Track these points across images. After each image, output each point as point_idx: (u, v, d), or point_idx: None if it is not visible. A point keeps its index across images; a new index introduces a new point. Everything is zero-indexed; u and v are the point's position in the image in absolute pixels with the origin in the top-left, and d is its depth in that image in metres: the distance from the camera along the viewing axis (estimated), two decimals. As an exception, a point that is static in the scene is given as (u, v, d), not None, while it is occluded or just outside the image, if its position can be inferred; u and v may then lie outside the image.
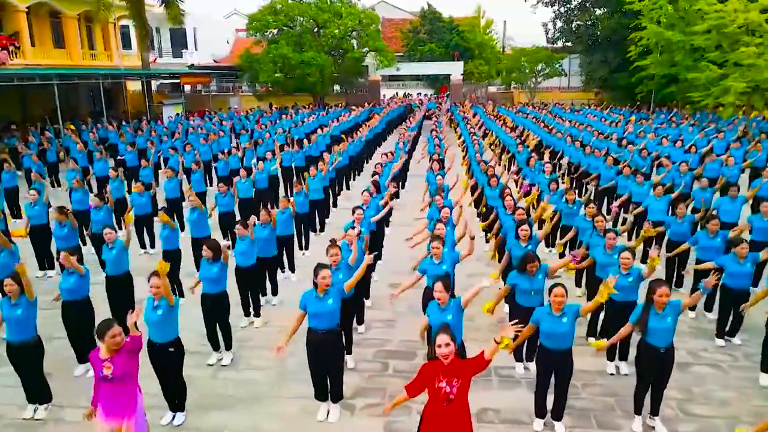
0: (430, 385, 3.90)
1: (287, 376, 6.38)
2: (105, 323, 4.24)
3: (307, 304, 5.21)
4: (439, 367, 3.88)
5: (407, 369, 6.44)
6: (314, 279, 5.23)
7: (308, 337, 5.32)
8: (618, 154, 13.29)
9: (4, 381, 6.24)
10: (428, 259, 6.24)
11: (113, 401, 4.20)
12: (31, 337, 5.30)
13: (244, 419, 5.56)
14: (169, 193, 11.07)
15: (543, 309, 5.01)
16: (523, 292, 5.88)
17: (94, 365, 4.20)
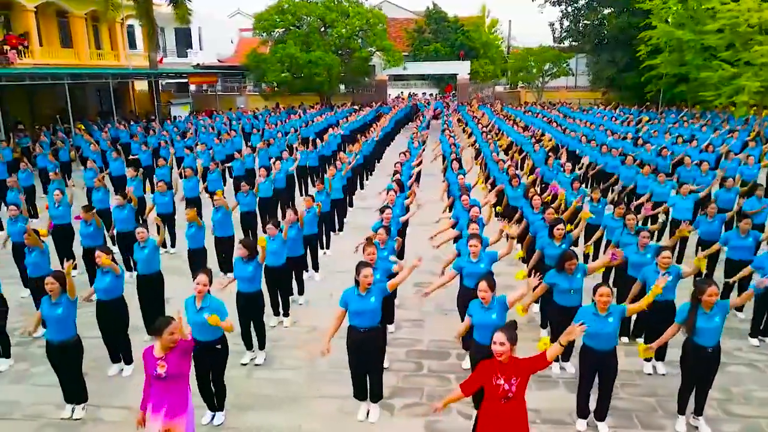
0: (487, 382, 3.90)
1: (320, 376, 6.36)
2: (164, 320, 4.23)
3: (349, 303, 5.18)
4: (496, 365, 3.89)
5: (441, 369, 6.42)
6: (356, 277, 5.19)
7: (349, 335, 5.28)
8: (634, 153, 13.24)
9: (40, 380, 6.24)
10: (465, 258, 6.20)
11: (164, 400, 4.17)
12: (72, 336, 5.27)
13: (283, 419, 5.53)
14: (188, 192, 11.03)
15: (587, 309, 4.97)
16: (561, 292, 5.84)
17: (147, 363, 4.17)
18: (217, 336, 5.07)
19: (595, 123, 19.91)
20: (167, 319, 4.26)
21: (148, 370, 4.19)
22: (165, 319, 4.27)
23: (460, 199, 8.41)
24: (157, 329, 4.16)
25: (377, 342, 5.33)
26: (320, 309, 8.09)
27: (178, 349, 4.19)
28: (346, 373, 6.35)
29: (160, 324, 4.19)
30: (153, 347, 4.23)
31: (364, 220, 12.63)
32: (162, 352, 4.15)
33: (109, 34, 31.77)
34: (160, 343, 4.16)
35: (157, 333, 4.15)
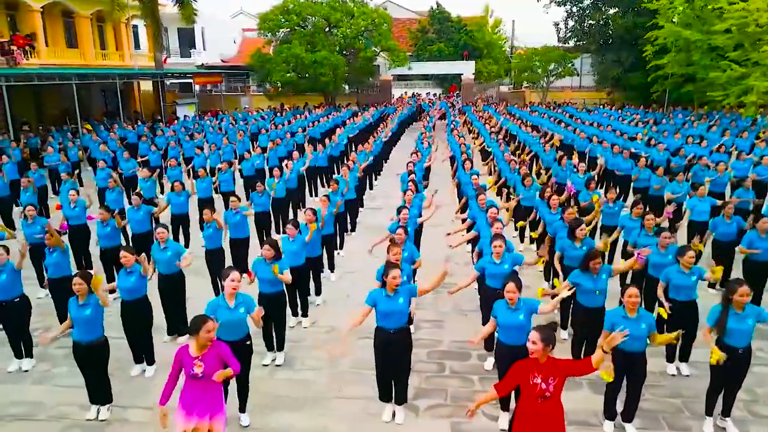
0: (524, 381, 3.91)
1: (342, 377, 6.36)
2: (200, 318, 4.19)
3: (378, 303, 5.15)
4: (533, 364, 3.90)
5: (464, 370, 6.41)
6: (383, 278, 5.17)
7: (377, 336, 5.25)
8: (647, 153, 13.22)
9: (62, 381, 6.25)
10: (488, 258, 6.18)
11: (199, 399, 4.16)
12: (99, 336, 5.26)
13: (308, 420, 5.52)
14: (202, 192, 11.02)
15: (617, 312, 4.95)
16: (585, 292, 5.83)
17: (184, 362, 4.15)
18: (244, 333, 5.07)
19: (603, 123, 19.87)
20: (203, 317, 4.24)
21: (184, 369, 4.16)
22: (200, 317, 4.24)
23: (476, 200, 8.39)
24: (195, 328, 4.13)
25: (405, 343, 5.30)
26: (338, 309, 8.11)
27: (214, 349, 4.19)
28: (367, 374, 6.38)
29: (196, 322, 4.15)
30: (188, 347, 4.21)
31: (374, 220, 12.65)
32: (199, 351, 4.14)
33: (114, 35, 31.80)
34: (197, 342, 4.14)
35: (194, 331, 4.13)
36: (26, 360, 6.45)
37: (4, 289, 6.11)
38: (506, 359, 4.82)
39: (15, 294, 6.23)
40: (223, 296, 5.05)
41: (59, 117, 25.09)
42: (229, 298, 5.00)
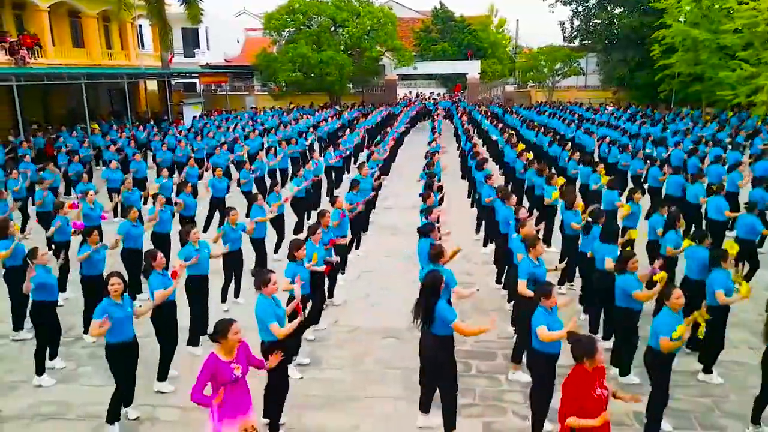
0: (589, 395, 3.75)
1: (369, 376, 6.35)
2: (226, 321, 4.12)
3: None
4: (595, 375, 3.82)
5: (490, 370, 6.41)
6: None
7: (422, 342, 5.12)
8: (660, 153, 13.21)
9: (88, 380, 6.25)
10: (527, 260, 6.03)
11: (240, 399, 4.15)
12: (133, 336, 5.25)
13: (340, 420, 5.52)
14: (218, 192, 11.02)
15: (668, 312, 4.88)
16: (627, 295, 5.77)
17: (220, 371, 4.03)
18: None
19: (607, 123, 19.82)
20: (228, 320, 4.16)
21: (222, 377, 4.04)
22: (226, 320, 4.16)
23: (502, 200, 8.34)
24: (222, 332, 4.05)
25: (451, 349, 5.10)
26: (359, 308, 8.12)
27: (242, 348, 4.19)
28: (392, 373, 6.38)
29: (223, 326, 4.08)
30: (215, 356, 4.08)
31: (387, 219, 12.65)
32: (230, 355, 4.09)
33: (119, 34, 31.81)
34: (228, 345, 4.07)
35: (221, 336, 4.05)
36: (57, 360, 6.46)
37: (52, 291, 6.12)
38: (544, 367, 4.84)
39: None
40: (273, 300, 4.98)
41: (66, 117, 25.11)
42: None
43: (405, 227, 11.71)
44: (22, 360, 6.66)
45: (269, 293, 4.90)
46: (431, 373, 5.06)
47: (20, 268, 6.16)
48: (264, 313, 4.82)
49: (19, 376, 6.32)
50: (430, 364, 5.01)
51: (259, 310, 4.85)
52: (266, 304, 4.87)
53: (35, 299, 6.05)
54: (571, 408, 3.72)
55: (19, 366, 6.53)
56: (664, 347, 4.64)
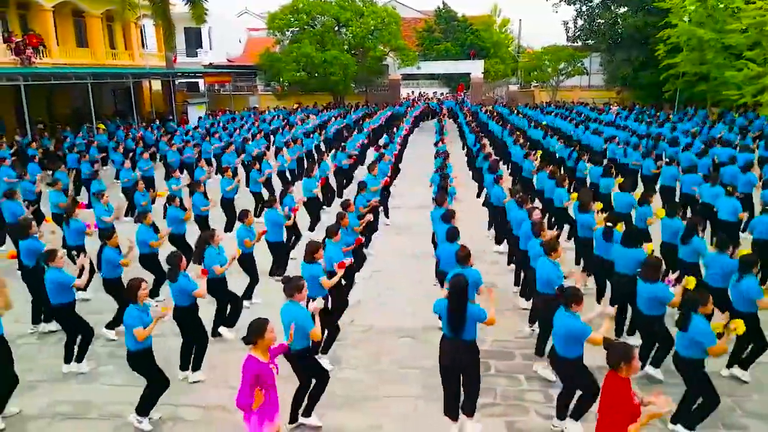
0: (630, 402, 3.71)
1: (385, 376, 6.36)
2: (261, 321, 4.10)
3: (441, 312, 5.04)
4: (629, 384, 3.80)
5: (509, 369, 6.40)
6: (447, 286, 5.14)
7: (441, 345, 5.12)
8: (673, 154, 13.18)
9: (109, 380, 6.26)
10: (551, 264, 6.01)
11: (272, 403, 4.16)
12: (150, 343, 5.23)
13: (362, 419, 5.52)
14: (228, 192, 11.01)
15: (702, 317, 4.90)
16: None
17: (264, 375, 4.01)
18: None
19: (618, 124, 19.82)
20: (262, 319, 4.16)
21: (266, 380, 4.01)
22: (260, 320, 4.15)
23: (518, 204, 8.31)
24: (259, 332, 4.03)
25: (475, 352, 5.08)
26: (373, 307, 8.12)
27: (272, 349, 4.20)
28: (410, 372, 6.38)
29: (260, 326, 4.05)
30: (254, 359, 4.04)
31: (394, 218, 12.63)
32: (267, 356, 4.08)
33: (123, 34, 31.80)
34: (264, 345, 4.05)
35: (258, 335, 4.02)
36: (83, 363, 6.46)
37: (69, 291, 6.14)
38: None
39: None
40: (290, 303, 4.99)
41: (71, 116, 25.13)
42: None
43: (412, 227, 11.72)
44: (41, 359, 6.68)
45: (302, 299, 4.91)
46: (457, 378, 5.05)
47: (33, 270, 6.16)
48: (305, 319, 4.78)
49: (37, 375, 6.32)
50: (458, 370, 5.00)
51: (297, 317, 4.77)
52: (302, 311, 4.85)
53: (54, 302, 6.05)
54: (619, 417, 3.63)
55: (37, 365, 6.54)
56: (716, 353, 4.65)
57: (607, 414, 3.75)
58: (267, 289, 8.16)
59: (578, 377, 4.78)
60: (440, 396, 5.84)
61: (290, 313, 4.85)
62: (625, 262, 6.28)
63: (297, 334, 4.71)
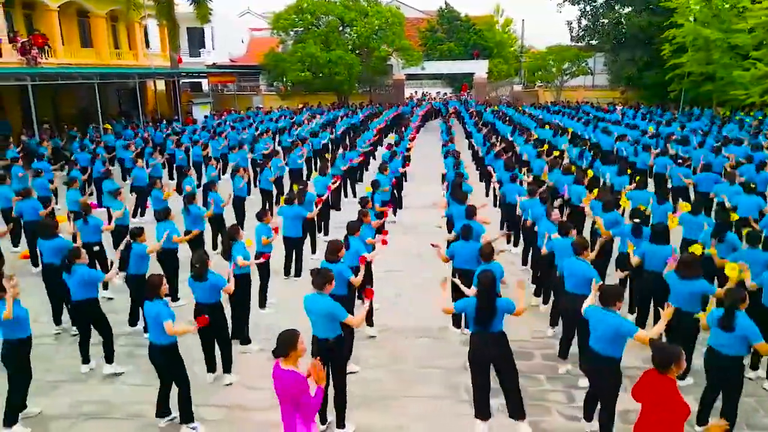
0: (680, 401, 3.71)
1: (407, 376, 6.34)
2: (292, 332, 3.89)
3: (460, 304, 5.09)
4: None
5: (529, 369, 6.36)
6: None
7: (472, 343, 5.12)
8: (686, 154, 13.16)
9: (129, 380, 6.25)
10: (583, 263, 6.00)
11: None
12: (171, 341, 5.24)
13: (385, 419, 5.51)
14: (240, 191, 11.01)
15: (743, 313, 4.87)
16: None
17: (304, 386, 3.82)
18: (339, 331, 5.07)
19: (628, 123, 19.76)
20: (292, 330, 3.97)
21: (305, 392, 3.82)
22: (290, 331, 3.93)
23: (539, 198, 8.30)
24: (291, 343, 3.81)
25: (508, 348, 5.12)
26: (387, 307, 8.08)
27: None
28: (430, 372, 6.37)
29: (291, 338, 3.83)
30: (297, 372, 3.82)
31: (401, 218, 12.60)
32: (297, 367, 3.90)
33: (127, 34, 31.81)
34: (295, 356, 3.85)
35: (291, 347, 3.82)
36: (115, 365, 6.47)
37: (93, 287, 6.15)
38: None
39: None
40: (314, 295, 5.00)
41: (76, 116, 25.14)
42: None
43: (418, 226, 11.70)
44: (59, 359, 6.67)
45: (328, 291, 4.93)
46: (488, 373, 5.07)
47: (60, 268, 6.15)
48: (336, 308, 4.83)
49: (57, 375, 6.31)
50: (489, 363, 5.03)
51: (329, 307, 4.83)
52: (331, 301, 4.89)
53: (80, 298, 6.06)
54: (671, 417, 3.60)
55: (56, 366, 6.53)
56: (766, 349, 4.61)
57: (653, 413, 3.71)
58: (276, 289, 8.19)
59: (616, 378, 4.71)
60: (463, 396, 5.88)
61: (318, 304, 4.88)
62: (655, 259, 6.24)
63: (330, 324, 4.83)
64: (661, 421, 3.62)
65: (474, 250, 6.79)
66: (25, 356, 5.27)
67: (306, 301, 5.01)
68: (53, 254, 6.61)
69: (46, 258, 6.50)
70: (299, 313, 5.97)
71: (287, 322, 7.40)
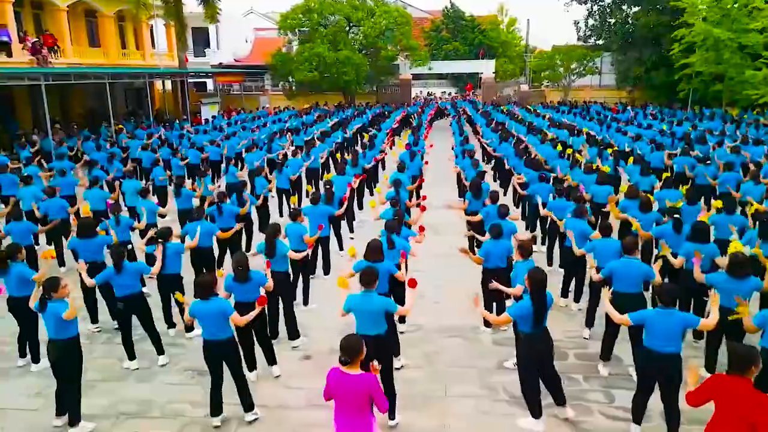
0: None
1: (445, 375, 6.32)
2: (357, 339, 3.92)
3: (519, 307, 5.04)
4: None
5: (566, 369, 6.30)
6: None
7: (524, 341, 5.13)
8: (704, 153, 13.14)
9: (166, 378, 6.25)
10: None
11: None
12: (232, 333, 5.24)
13: (428, 419, 5.50)
14: (259, 189, 10.99)
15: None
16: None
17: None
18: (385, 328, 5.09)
19: (642, 123, 19.72)
20: (357, 336, 4.01)
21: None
22: (354, 336, 3.98)
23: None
24: (358, 350, 3.83)
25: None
26: (421, 307, 8.06)
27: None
28: (467, 372, 6.35)
29: (358, 345, 3.85)
30: (366, 375, 3.88)
31: (423, 219, 12.57)
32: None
33: (134, 34, 31.79)
34: (358, 361, 3.88)
35: (360, 353, 3.86)
36: (161, 357, 6.57)
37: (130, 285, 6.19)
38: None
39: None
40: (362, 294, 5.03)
41: (85, 116, 25.14)
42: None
43: (439, 226, 11.67)
44: (93, 359, 6.65)
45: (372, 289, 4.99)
46: (545, 365, 5.17)
47: (102, 265, 6.20)
48: (388, 302, 4.99)
49: (93, 375, 6.29)
50: (546, 356, 5.15)
51: (382, 303, 4.99)
52: (380, 298, 4.99)
53: (126, 294, 6.13)
54: (762, 419, 3.52)
55: (91, 365, 6.48)
56: None
57: (733, 415, 3.65)
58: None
59: (681, 372, 4.74)
60: (501, 396, 5.87)
61: (369, 301, 4.95)
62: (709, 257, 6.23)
63: (381, 319, 4.95)
64: (744, 420, 3.58)
65: (504, 249, 6.81)
66: (79, 353, 5.31)
67: (353, 301, 5.01)
68: (95, 252, 6.61)
69: (87, 257, 6.48)
70: (329, 312, 5.99)
71: (316, 321, 7.43)
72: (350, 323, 5.32)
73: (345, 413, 3.88)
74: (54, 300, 4.98)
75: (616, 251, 6.15)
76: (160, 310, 7.11)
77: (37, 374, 6.39)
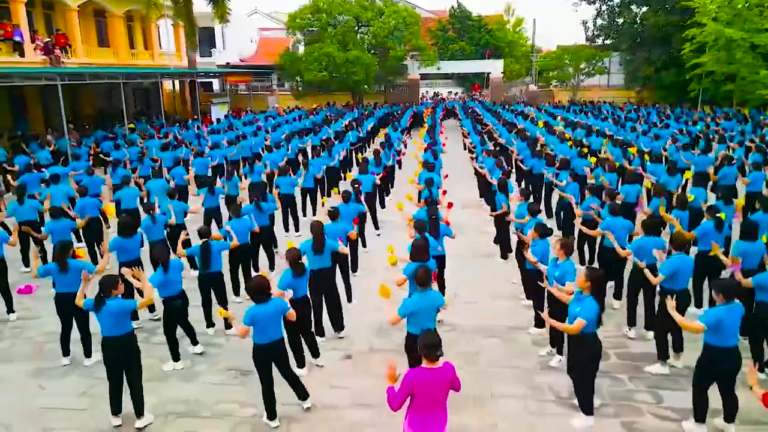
0: None
1: (487, 376, 6.29)
2: (436, 333, 3.96)
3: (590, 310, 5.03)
4: None
5: (609, 369, 6.35)
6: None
7: (589, 342, 5.16)
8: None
9: (210, 379, 6.24)
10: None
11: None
12: (283, 334, 5.24)
13: (478, 419, 5.49)
14: (285, 188, 10.96)
15: None
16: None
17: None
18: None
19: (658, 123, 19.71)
20: (434, 332, 4.03)
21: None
22: (433, 333, 3.97)
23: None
24: (440, 343, 3.86)
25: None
26: (452, 307, 8.03)
27: None
28: (510, 372, 6.33)
29: (439, 339, 3.88)
30: (447, 365, 3.95)
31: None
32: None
33: (142, 34, 31.78)
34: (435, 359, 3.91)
35: (439, 348, 3.87)
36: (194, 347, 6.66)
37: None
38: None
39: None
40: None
41: (94, 116, 25.13)
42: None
43: (462, 226, 11.64)
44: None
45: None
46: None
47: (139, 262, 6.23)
48: (442, 297, 5.20)
49: (136, 375, 6.29)
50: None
51: (440, 298, 5.17)
52: (436, 294, 5.11)
53: (170, 294, 6.18)
54: None
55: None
56: None
57: None
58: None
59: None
60: (547, 396, 5.86)
61: (430, 299, 5.06)
62: (748, 257, 6.24)
63: (435, 315, 5.21)
64: None
65: (546, 248, 6.80)
66: (137, 346, 5.40)
67: (411, 304, 5.03)
68: (135, 250, 6.67)
69: (125, 257, 6.48)
70: (360, 310, 5.92)
71: (348, 320, 7.36)
72: (383, 322, 5.34)
73: (428, 408, 3.90)
74: (111, 297, 4.98)
75: (661, 247, 6.16)
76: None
77: (79, 373, 6.39)
